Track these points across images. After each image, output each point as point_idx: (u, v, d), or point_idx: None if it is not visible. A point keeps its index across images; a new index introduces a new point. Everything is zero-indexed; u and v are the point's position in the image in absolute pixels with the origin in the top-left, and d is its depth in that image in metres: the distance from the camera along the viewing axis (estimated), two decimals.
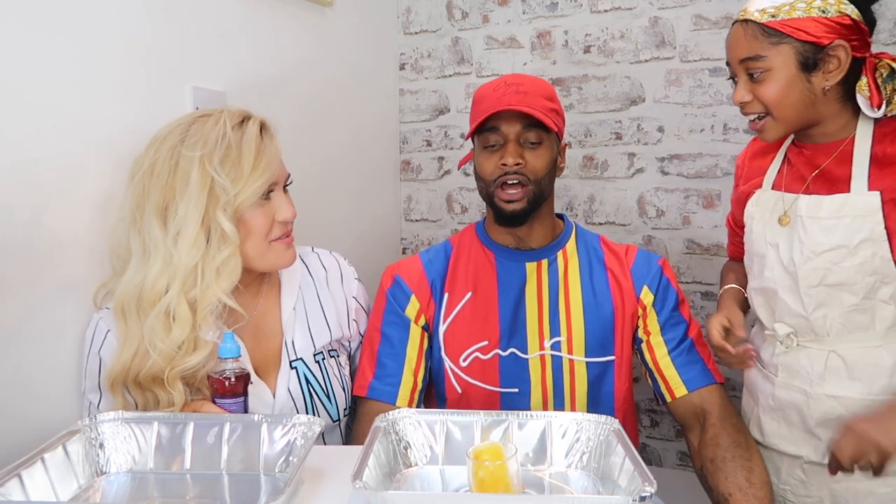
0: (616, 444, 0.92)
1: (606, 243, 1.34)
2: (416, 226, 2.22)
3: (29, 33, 1.04)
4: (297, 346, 1.20)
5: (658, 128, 1.87)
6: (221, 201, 1.02)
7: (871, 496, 1.08)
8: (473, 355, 1.26)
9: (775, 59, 1.03)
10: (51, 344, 1.10)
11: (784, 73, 1.03)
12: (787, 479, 1.18)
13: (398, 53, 2.17)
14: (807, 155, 1.13)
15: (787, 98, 1.05)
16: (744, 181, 1.26)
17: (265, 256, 1.12)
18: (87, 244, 1.14)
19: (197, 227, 1.02)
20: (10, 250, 1.03)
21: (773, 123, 1.08)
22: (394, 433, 0.98)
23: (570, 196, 1.99)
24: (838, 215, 1.06)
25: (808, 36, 1.01)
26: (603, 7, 1.90)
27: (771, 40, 1.03)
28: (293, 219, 1.14)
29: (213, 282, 1.03)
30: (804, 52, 1.02)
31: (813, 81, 1.04)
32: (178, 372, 1.04)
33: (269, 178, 1.07)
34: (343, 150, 1.87)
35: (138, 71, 1.22)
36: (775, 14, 1.03)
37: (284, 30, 1.62)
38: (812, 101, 1.05)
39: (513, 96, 1.20)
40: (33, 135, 1.06)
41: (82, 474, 0.93)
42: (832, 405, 1.10)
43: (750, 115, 1.09)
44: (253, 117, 1.10)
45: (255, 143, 1.05)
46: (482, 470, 0.85)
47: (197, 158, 1.02)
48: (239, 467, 0.96)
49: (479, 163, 1.26)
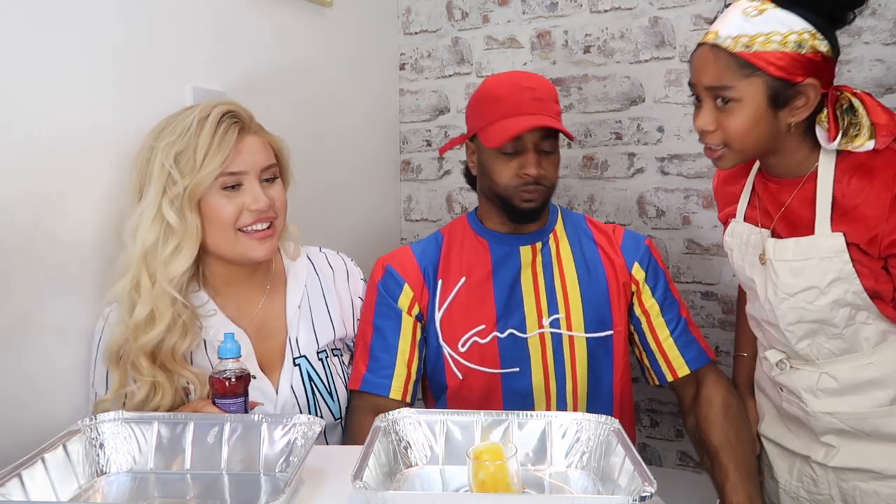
0: (616, 443, 0.92)
1: (592, 222, 1.39)
2: (416, 226, 2.22)
3: (29, 33, 1.04)
4: (300, 344, 1.21)
5: (658, 128, 1.87)
6: (170, 193, 1.07)
7: (876, 496, 1.10)
8: (472, 340, 1.28)
9: (745, 90, 0.99)
10: (51, 344, 1.10)
11: (752, 107, 1.00)
12: (800, 477, 1.19)
13: (398, 53, 2.17)
14: (772, 189, 1.12)
15: (753, 131, 1.01)
16: (720, 207, 1.27)
17: (234, 247, 1.12)
18: (88, 244, 1.15)
19: (153, 212, 1.07)
20: (10, 250, 1.03)
21: (731, 154, 1.05)
22: (394, 433, 0.98)
23: (570, 196, 1.99)
24: (805, 257, 1.06)
25: (781, 72, 0.97)
26: (603, 7, 1.90)
27: (743, 72, 0.98)
28: (268, 209, 1.13)
29: (163, 266, 1.07)
30: (775, 87, 0.98)
31: (779, 117, 1.01)
32: (140, 346, 1.06)
33: (218, 164, 1.07)
34: (343, 150, 1.87)
35: (138, 71, 1.22)
36: (749, 45, 0.98)
37: (284, 30, 1.62)
38: (775, 136, 1.03)
39: (531, 104, 1.23)
40: (33, 135, 1.06)
41: (82, 474, 0.93)
42: (830, 420, 1.11)
43: (710, 144, 1.06)
44: (218, 107, 1.11)
45: (210, 133, 1.07)
46: (482, 470, 0.85)
47: (161, 149, 1.08)
48: (239, 467, 0.96)
49: (494, 167, 1.27)
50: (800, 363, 1.14)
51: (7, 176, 1.02)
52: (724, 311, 1.82)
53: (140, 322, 1.06)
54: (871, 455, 1.09)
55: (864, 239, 1.02)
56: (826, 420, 1.12)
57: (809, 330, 1.09)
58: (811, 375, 1.12)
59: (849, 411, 1.09)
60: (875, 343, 1.07)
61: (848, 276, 1.03)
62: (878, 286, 1.04)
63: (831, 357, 1.10)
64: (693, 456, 1.93)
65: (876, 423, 1.08)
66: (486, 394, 1.28)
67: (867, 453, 1.10)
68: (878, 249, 1.01)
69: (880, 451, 1.09)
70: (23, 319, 1.05)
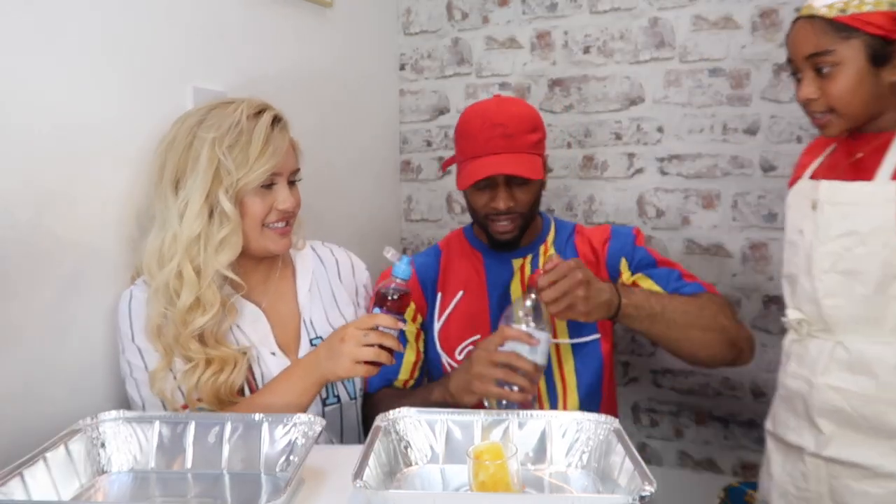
0: (616, 443, 0.93)
1: (580, 230, 1.41)
2: (416, 226, 2.22)
3: (29, 34, 1.04)
4: (315, 325, 1.26)
5: (658, 128, 1.88)
6: (224, 183, 1.09)
7: (866, 496, 1.09)
8: (468, 349, 1.32)
9: (845, 52, 1.04)
10: (51, 344, 1.10)
11: (854, 68, 1.04)
12: (792, 471, 1.19)
13: (398, 54, 2.17)
14: (851, 143, 1.14)
15: (857, 92, 1.05)
16: (793, 176, 1.27)
17: (258, 241, 1.16)
18: (88, 244, 1.15)
19: (201, 201, 1.09)
20: (11, 250, 1.03)
21: (838, 119, 1.09)
22: (394, 432, 0.99)
23: (569, 196, 2.00)
24: (855, 202, 1.07)
25: (879, 29, 1.02)
26: (602, 7, 1.90)
27: (841, 35, 1.03)
28: (293, 209, 1.18)
29: (213, 254, 1.10)
30: (874, 45, 1.03)
31: (882, 76, 1.05)
32: (190, 332, 1.09)
33: (271, 166, 1.12)
34: (343, 151, 1.87)
35: (139, 71, 1.22)
36: (844, 9, 1.03)
37: (284, 30, 1.62)
38: (879, 95, 1.07)
39: (500, 142, 1.24)
40: (34, 135, 1.06)
41: (84, 473, 0.93)
42: (832, 396, 1.10)
43: (815, 112, 1.10)
44: (269, 109, 1.16)
45: (264, 133, 1.11)
46: (482, 469, 0.85)
47: (209, 140, 1.09)
48: (240, 467, 0.97)
49: (471, 197, 1.32)
50: (818, 329, 1.13)
51: (8, 175, 1.02)
52: None
53: (184, 309, 1.09)
54: (866, 450, 1.09)
55: None
56: (828, 396, 1.10)
57: (840, 283, 1.08)
58: (826, 344, 1.11)
59: (854, 390, 1.08)
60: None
61: (890, 227, 1.03)
62: None
63: (851, 324, 1.09)
64: (693, 455, 1.93)
65: (879, 408, 1.07)
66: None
67: (862, 447, 1.09)
68: None
69: (875, 446, 1.08)
70: (23, 319, 1.05)
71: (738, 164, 1.81)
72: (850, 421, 1.10)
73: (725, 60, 1.79)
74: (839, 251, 1.08)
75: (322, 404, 1.23)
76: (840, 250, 1.08)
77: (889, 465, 1.07)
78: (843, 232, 1.07)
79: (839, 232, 1.08)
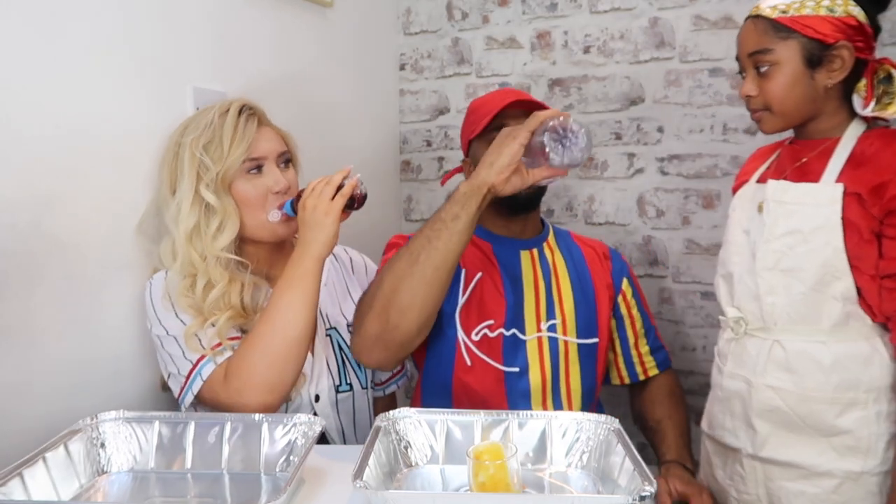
0: (616, 443, 0.93)
1: (579, 238, 1.47)
2: (416, 226, 2.22)
3: (30, 34, 1.04)
4: (329, 317, 1.31)
5: (658, 128, 1.88)
6: (205, 179, 1.17)
7: (802, 496, 1.10)
8: (483, 331, 1.32)
9: (782, 52, 1.08)
10: (51, 344, 1.10)
11: (790, 68, 1.08)
12: (731, 474, 1.20)
13: (398, 54, 2.17)
14: (795, 148, 1.17)
15: (791, 92, 1.09)
16: (737, 180, 1.31)
17: (265, 226, 1.21)
18: (89, 244, 1.15)
19: (191, 199, 1.17)
20: (10, 250, 1.03)
21: (771, 117, 1.13)
22: (394, 432, 0.99)
23: (569, 196, 2.00)
24: (800, 202, 1.09)
25: (815, 33, 1.06)
26: (602, 7, 1.90)
27: (780, 35, 1.07)
28: (285, 189, 1.21)
29: (211, 242, 1.18)
30: (810, 48, 1.06)
31: (816, 78, 1.08)
32: (210, 310, 1.16)
33: (243, 151, 1.17)
34: (343, 151, 1.87)
35: (139, 71, 1.22)
36: (786, 10, 1.07)
37: (284, 30, 1.62)
38: (813, 98, 1.10)
39: (514, 96, 1.31)
40: (34, 136, 1.06)
41: (84, 474, 0.93)
42: (770, 396, 1.12)
43: (753, 108, 1.14)
44: (235, 103, 1.21)
45: (233, 123, 1.18)
46: (482, 470, 0.85)
47: (188, 144, 1.17)
48: (240, 467, 0.97)
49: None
50: (755, 328, 1.15)
51: (8, 176, 1.02)
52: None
53: (200, 292, 1.17)
54: (801, 450, 1.09)
55: (868, 186, 1.03)
56: (766, 396, 1.12)
57: (780, 281, 1.10)
58: (764, 343, 1.13)
59: (791, 389, 1.09)
60: (834, 322, 1.08)
61: (832, 226, 1.05)
62: (859, 250, 1.04)
63: (789, 323, 1.10)
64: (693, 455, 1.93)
65: (814, 407, 1.08)
66: (491, 388, 1.29)
67: (797, 447, 1.09)
68: (881, 202, 1.03)
69: (813, 445, 1.09)
70: (23, 319, 1.05)
71: (738, 164, 1.80)
72: (787, 420, 1.10)
73: (725, 60, 1.78)
74: (783, 249, 1.10)
75: (335, 391, 1.25)
76: (784, 248, 1.10)
77: (826, 463, 1.08)
78: (787, 230, 1.10)
79: (784, 230, 1.10)
